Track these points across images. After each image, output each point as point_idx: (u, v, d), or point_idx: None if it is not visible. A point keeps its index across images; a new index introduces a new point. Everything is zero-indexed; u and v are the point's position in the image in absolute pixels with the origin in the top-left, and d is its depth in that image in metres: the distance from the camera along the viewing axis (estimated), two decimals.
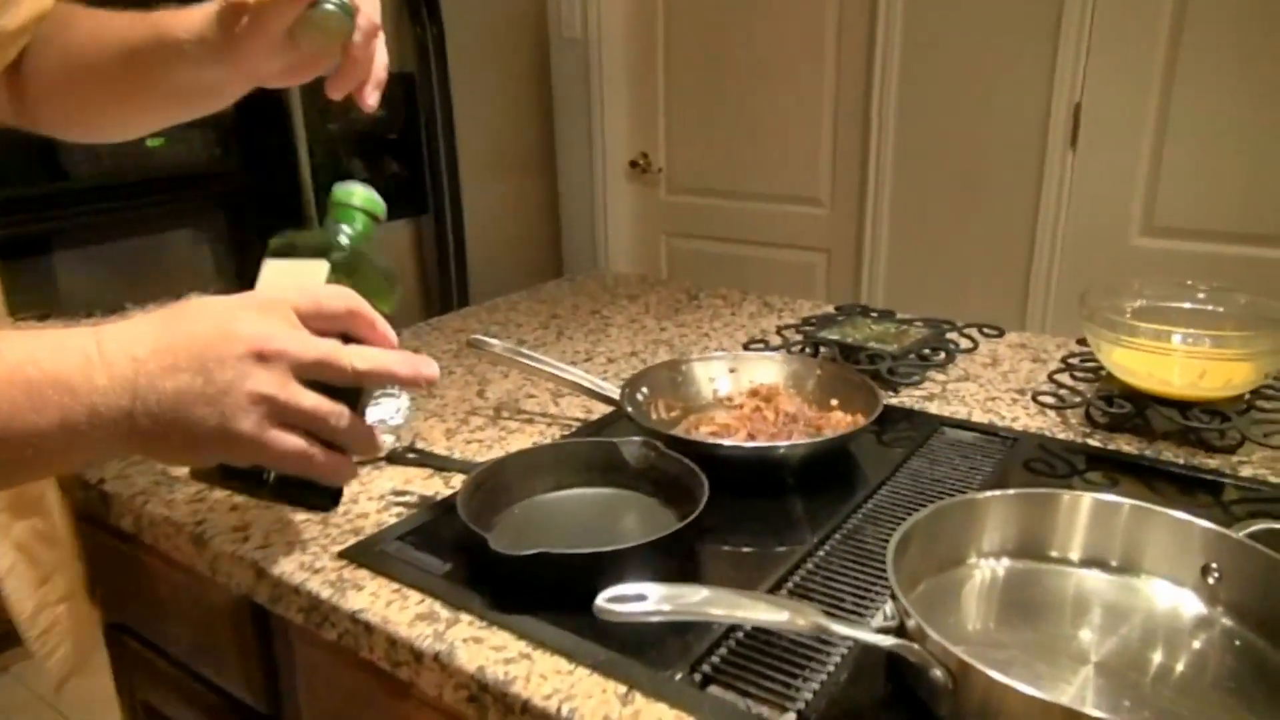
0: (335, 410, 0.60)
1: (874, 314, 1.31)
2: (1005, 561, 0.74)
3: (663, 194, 2.91)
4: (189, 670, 0.98)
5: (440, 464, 0.91)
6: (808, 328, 1.26)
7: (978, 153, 2.25)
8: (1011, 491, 0.74)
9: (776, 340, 1.28)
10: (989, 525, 0.74)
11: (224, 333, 0.56)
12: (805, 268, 2.66)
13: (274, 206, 2.40)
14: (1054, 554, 0.73)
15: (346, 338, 0.61)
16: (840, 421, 1.00)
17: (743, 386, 1.10)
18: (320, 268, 0.66)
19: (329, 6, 0.67)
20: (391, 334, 0.64)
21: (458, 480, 0.91)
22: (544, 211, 3.00)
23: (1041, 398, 1.07)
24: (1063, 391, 1.08)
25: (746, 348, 1.26)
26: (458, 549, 0.79)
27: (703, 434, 0.98)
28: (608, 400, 1.04)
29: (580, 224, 3.02)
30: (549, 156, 2.97)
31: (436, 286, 2.68)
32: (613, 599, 0.58)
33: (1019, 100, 2.17)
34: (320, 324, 0.60)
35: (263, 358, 0.56)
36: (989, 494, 0.74)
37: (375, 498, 0.90)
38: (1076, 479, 0.94)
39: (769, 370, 1.10)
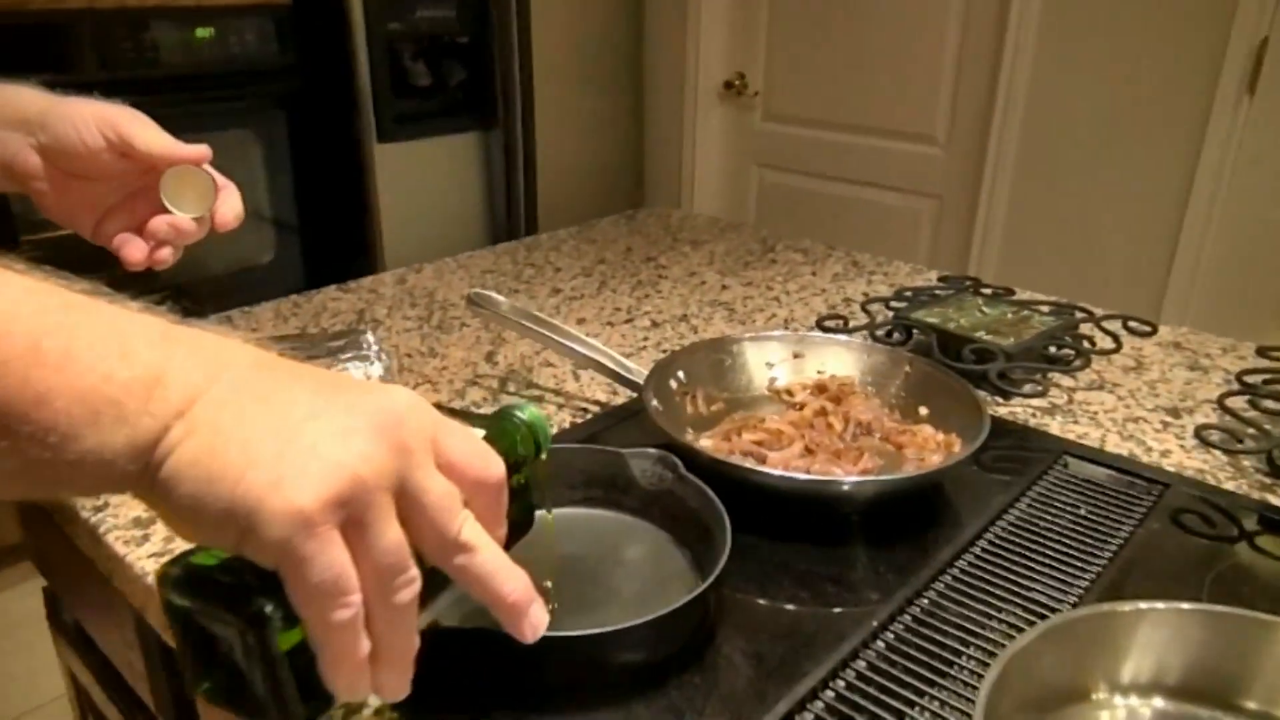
0: (410, 567, 0.36)
1: (987, 291, 1.05)
2: (1157, 702, 0.51)
3: (758, 120, 2.62)
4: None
5: None
6: (900, 304, 1.01)
7: (1127, 96, 1.90)
8: (1183, 607, 0.50)
9: (859, 318, 1.04)
10: (1135, 646, 0.51)
11: (363, 389, 0.36)
12: (911, 215, 2.35)
13: (331, 111, 2.22)
14: (1244, 702, 0.50)
15: None
16: (928, 441, 0.76)
17: (807, 378, 0.86)
18: (475, 432, 0.42)
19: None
20: (502, 534, 0.42)
21: None
22: (625, 133, 2.75)
23: (1207, 433, 0.81)
24: (1235, 423, 0.82)
25: (820, 325, 1.02)
26: None
27: (745, 443, 0.75)
28: (632, 385, 0.82)
29: (665, 148, 2.76)
30: (635, 70, 2.70)
31: (503, 211, 2.48)
32: None
33: (1186, 34, 1.80)
34: (455, 475, 0.38)
35: (389, 440, 0.35)
36: (1139, 607, 0.50)
37: None
38: (1244, 544, 0.69)
39: (843, 360, 0.87)
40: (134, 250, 0.65)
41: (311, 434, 0.34)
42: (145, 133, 0.62)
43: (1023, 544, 0.67)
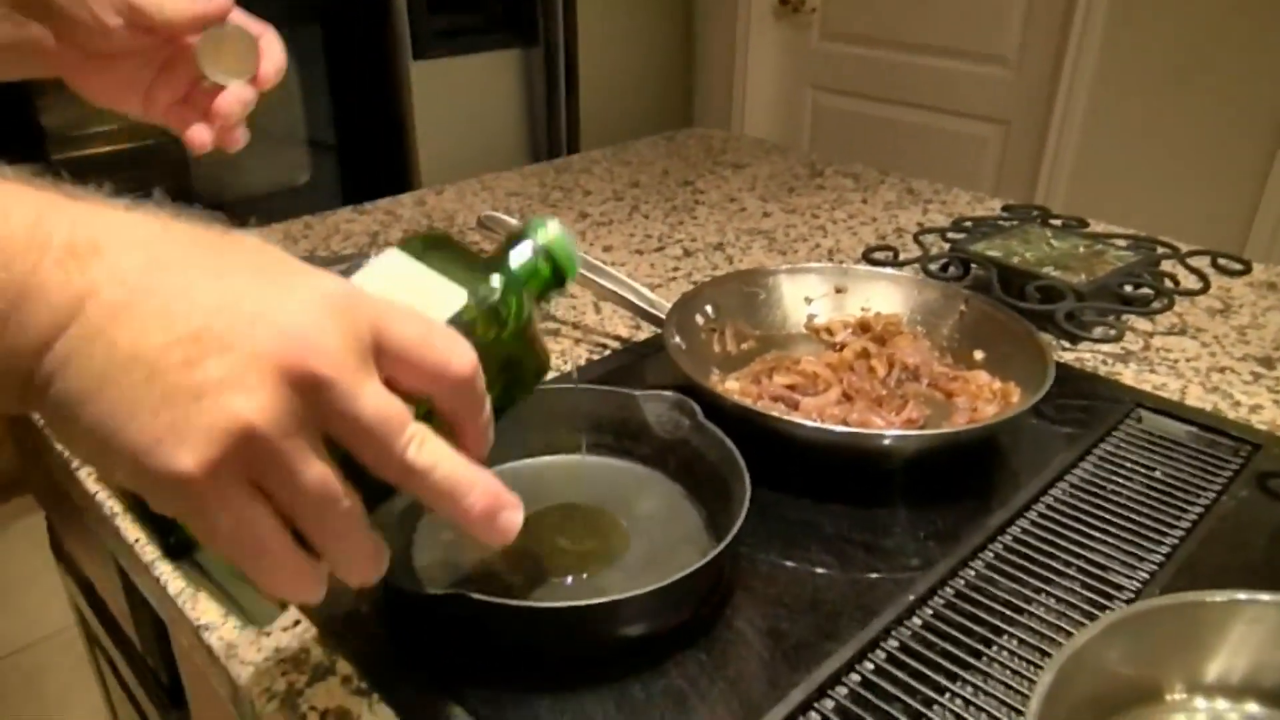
0: (341, 498, 0.32)
1: (1056, 222, 0.94)
2: (1251, 707, 0.43)
3: (814, 39, 2.47)
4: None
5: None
6: (958, 234, 0.92)
7: (1220, 6, 1.73)
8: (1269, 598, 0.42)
9: (911, 250, 0.94)
10: (1225, 643, 0.43)
11: (257, 311, 0.30)
12: (975, 142, 2.21)
13: (367, 27, 2.14)
14: None
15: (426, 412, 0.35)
16: (981, 389, 0.68)
17: (850, 315, 0.78)
18: (453, 298, 0.39)
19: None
20: (491, 433, 0.38)
21: None
22: (674, 52, 2.61)
23: None
24: None
25: (867, 258, 0.93)
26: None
27: (776, 386, 0.68)
28: (655, 320, 0.75)
29: (715, 69, 2.63)
30: None
31: (543, 132, 2.38)
32: None
33: None
34: (408, 374, 0.33)
35: (294, 378, 0.30)
36: (1235, 598, 0.42)
37: None
38: None
39: (890, 296, 0.78)
40: (198, 134, 0.59)
41: (200, 376, 0.28)
42: (158, 1, 0.55)
43: (1087, 510, 0.59)
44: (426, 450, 0.33)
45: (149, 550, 0.54)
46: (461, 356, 0.34)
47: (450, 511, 0.34)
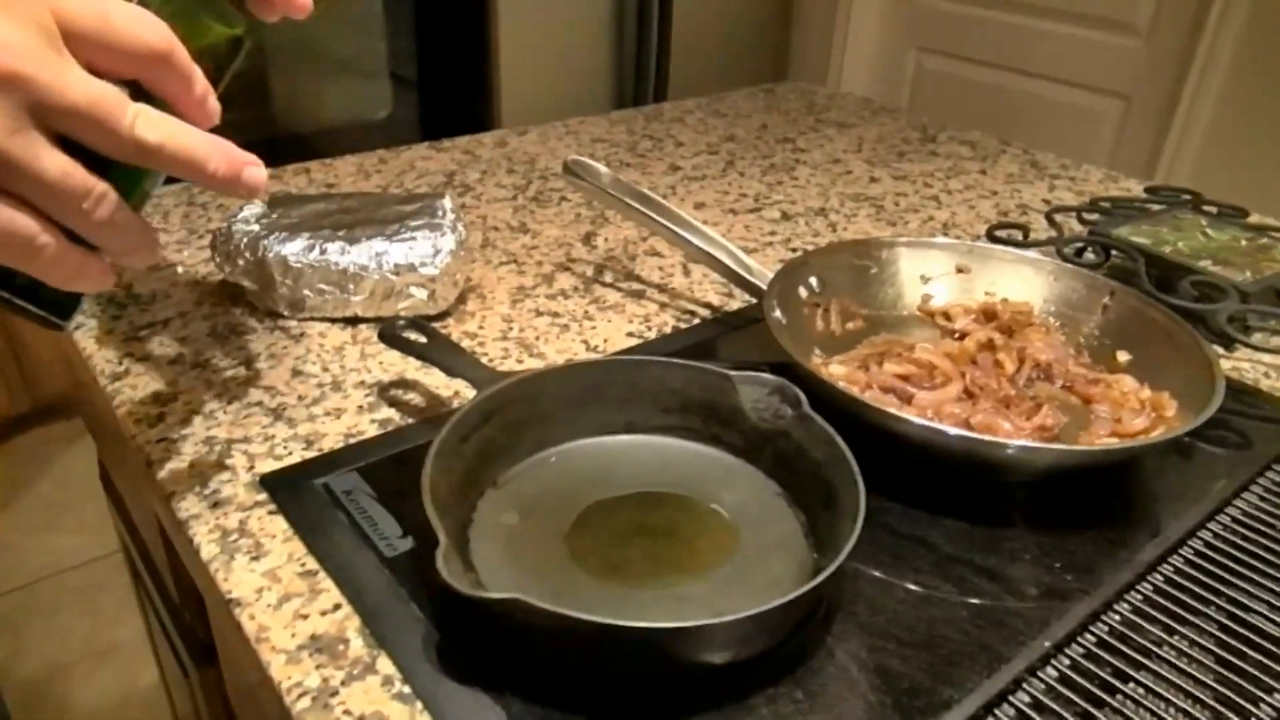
0: (92, 188, 0.35)
1: (1211, 210, 0.84)
2: None
3: None
4: None
5: (448, 363, 0.55)
6: (1097, 215, 0.82)
7: None
8: None
9: (1042, 230, 0.85)
10: None
11: None
12: (1089, 117, 2.06)
13: None
14: None
15: (139, 91, 0.37)
16: (1127, 398, 0.59)
17: (973, 299, 0.69)
18: None
19: None
20: (213, 103, 0.39)
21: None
22: (772, 1, 2.49)
23: None
24: None
25: (991, 235, 0.83)
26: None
27: (887, 375, 0.60)
28: (752, 289, 0.67)
29: (815, 21, 2.50)
30: None
31: (631, 76, 2.29)
32: None
33: None
34: (104, 58, 0.35)
35: None
36: None
37: (365, 385, 0.60)
38: None
39: (1022, 281, 0.69)
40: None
41: None
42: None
43: (1254, 552, 0.50)
44: (154, 126, 0.35)
45: (184, 506, 0.49)
46: (149, 28, 0.35)
47: (197, 178, 0.37)
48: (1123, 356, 0.63)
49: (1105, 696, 0.41)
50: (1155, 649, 0.44)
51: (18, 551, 1.74)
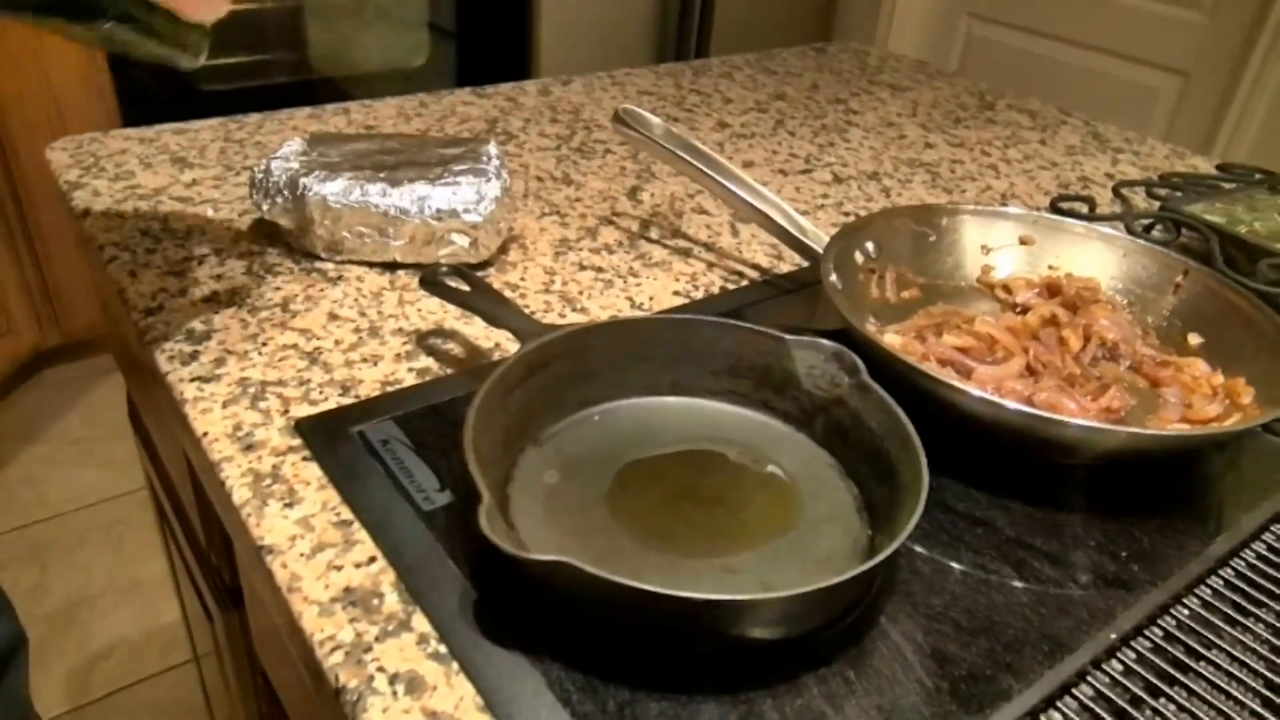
0: None
1: None
2: None
3: None
4: None
5: (492, 312, 0.53)
6: (1166, 191, 0.78)
7: None
8: None
9: (1106, 203, 0.81)
10: None
11: None
12: (1144, 94, 1.99)
13: None
14: None
15: None
16: (1199, 382, 0.56)
17: (1037, 273, 0.66)
18: None
19: None
20: None
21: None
22: None
23: None
24: None
25: (1056, 208, 0.80)
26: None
27: (945, 347, 0.57)
28: (805, 251, 0.64)
29: None
30: None
31: (674, 30, 2.24)
32: None
33: None
34: None
35: None
36: None
37: (404, 333, 0.58)
38: None
39: (1089, 256, 0.66)
40: None
41: None
42: None
43: None
44: None
45: (217, 448, 0.47)
46: None
47: None
48: (1194, 339, 0.60)
49: (1167, 689, 0.39)
50: (1220, 643, 0.42)
51: (45, 484, 1.75)
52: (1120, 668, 0.41)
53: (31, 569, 1.58)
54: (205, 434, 0.49)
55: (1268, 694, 0.39)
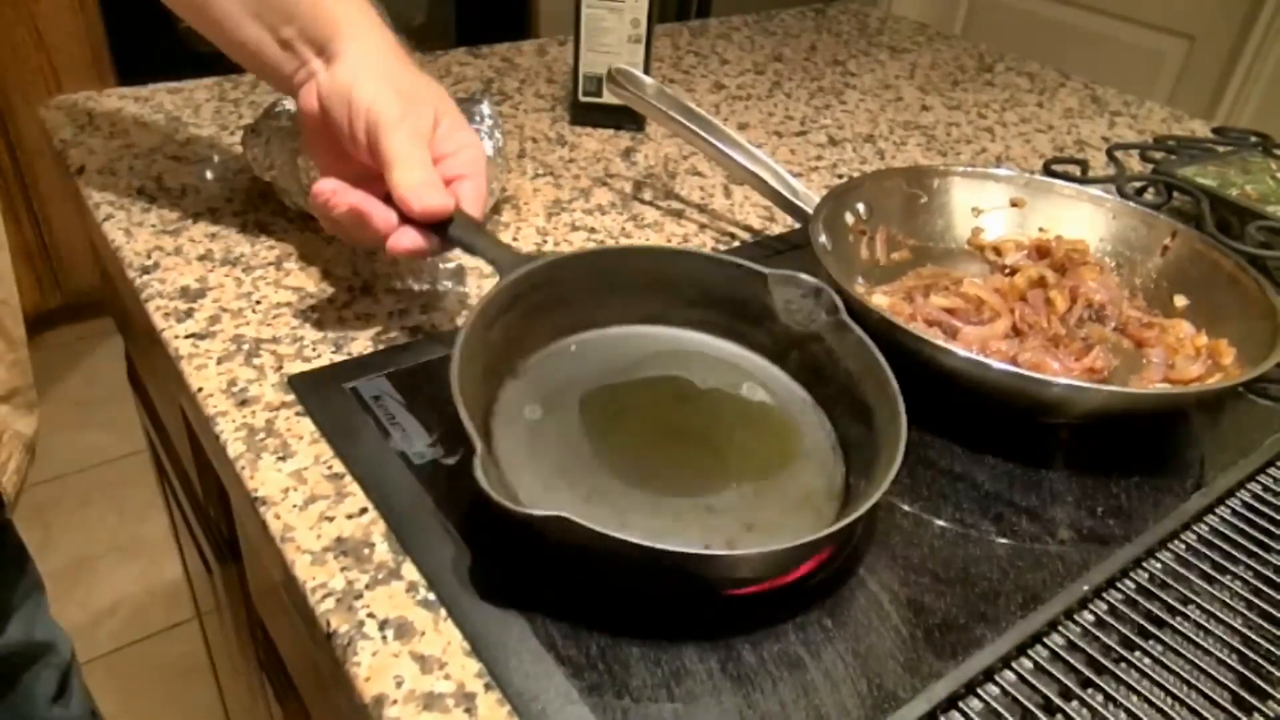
0: None
1: None
2: None
3: None
4: None
5: (468, 240, 0.51)
6: (1160, 154, 0.78)
7: None
8: None
9: (1101, 166, 0.81)
10: None
11: None
12: (1149, 57, 1.98)
13: None
14: None
15: None
16: (1183, 343, 0.57)
17: (1025, 234, 0.67)
18: None
19: None
20: None
21: None
22: None
23: None
24: None
25: (1049, 170, 0.80)
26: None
27: (932, 308, 0.58)
28: (796, 212, 0.65)
29: None
30: None
31: None
32: None
33: None
34: None
35: None
36: None
37: (396, 292, 0.59)
38: None
39: (1079, 218, 0.66)
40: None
41: None
42: (393, 141, 0.49)
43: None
44: None
45: (212, 403, 0.48)
46: None
47: None
48: (1180, 301, 0.60)
49: (1140, 641, 0.40)
50: (1194, 598, 0.43)
51: (47, 445, 1.77)
52: (1092, 619, 0.42)
53: (35, 529, 1.60)
54: (200, 390, 0.49)
55: (1241, 648, 0.40)
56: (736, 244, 0.68)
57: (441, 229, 0.50)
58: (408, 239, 0.49)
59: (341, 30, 0.52)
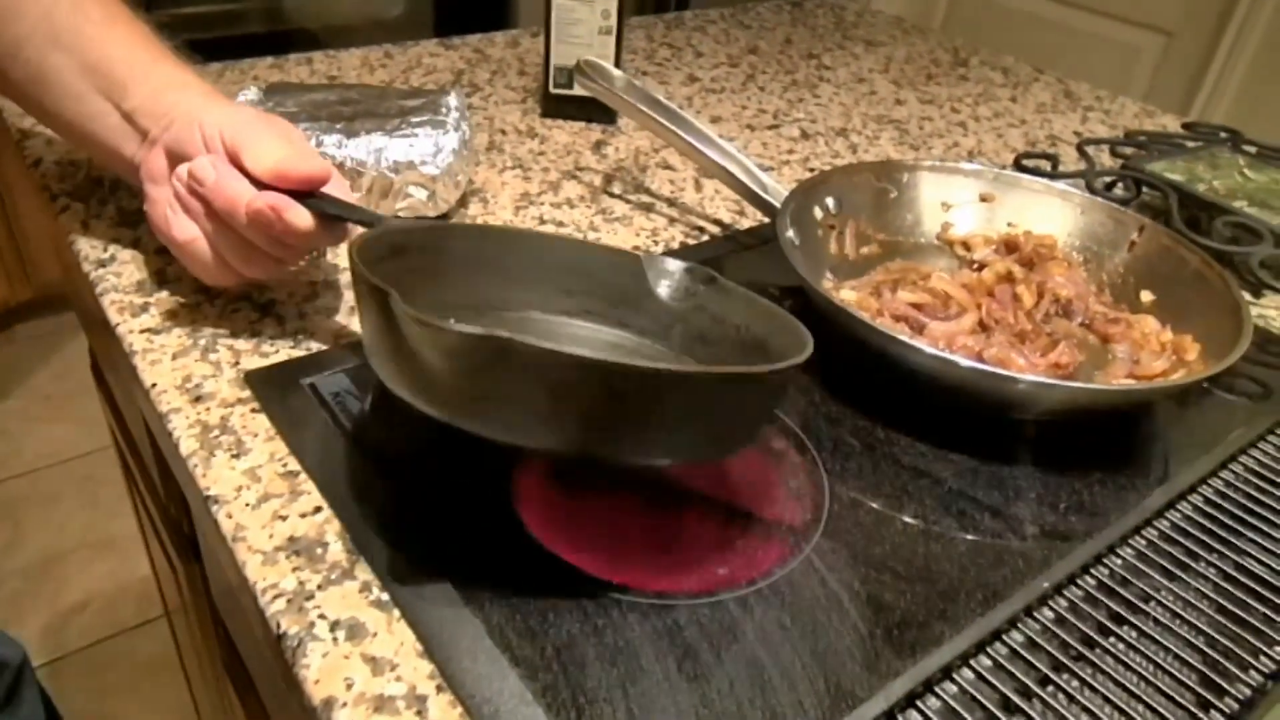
0: None
1: (1250, 149, 0.80)
2: None
3: None
4: None
5: (369, 216, 0.49)
6: (1131, 149, 0.78)
7: None
8: None
9: (1072, 161, 0.81)
10: None
11: None
12: (1126, 52, 1.98)
13: None
14: None
15: None
16: (1149, 339, 0.57)
17: (994, 229, 0.67)
18: None
19: None
20: None
21: None
22: None
23: None
24: None
25: (1019, 164, 0.80)
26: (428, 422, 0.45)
27: (899, 303, 0.57)
28: (765, 207, 0.64)
29: None
30: None
31: None
32: None
33: None
34: None
35: None
36: None
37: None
38: None
39: (1047, 213, 0.66)
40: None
41: None
42: (258, 148, 0.48)
43: (1261, 503, 0.49)
44: None
45: (166, 399, 0.47)
46: None
47: None
48: (1146, 296, 0.60)
49: (1101, 639, 0.40)
50: (1155, 595, 0.43)
51: (17, 440, 1.75)
52: (1052, 615, 0.41)
53: (4, 525, 1.58)
54: (154, 385, 0.48)
55: (1203, 647, 0.40)
56: (705, 238, 0.68)
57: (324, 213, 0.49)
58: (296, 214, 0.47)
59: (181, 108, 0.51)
